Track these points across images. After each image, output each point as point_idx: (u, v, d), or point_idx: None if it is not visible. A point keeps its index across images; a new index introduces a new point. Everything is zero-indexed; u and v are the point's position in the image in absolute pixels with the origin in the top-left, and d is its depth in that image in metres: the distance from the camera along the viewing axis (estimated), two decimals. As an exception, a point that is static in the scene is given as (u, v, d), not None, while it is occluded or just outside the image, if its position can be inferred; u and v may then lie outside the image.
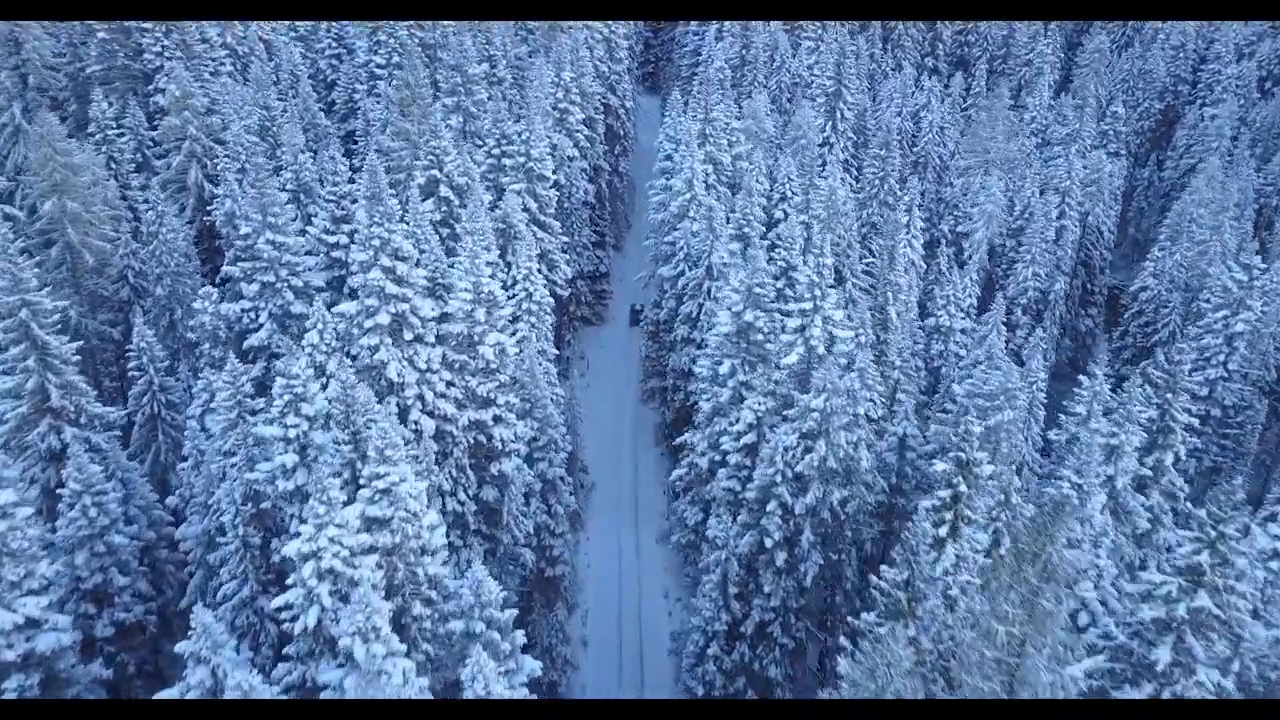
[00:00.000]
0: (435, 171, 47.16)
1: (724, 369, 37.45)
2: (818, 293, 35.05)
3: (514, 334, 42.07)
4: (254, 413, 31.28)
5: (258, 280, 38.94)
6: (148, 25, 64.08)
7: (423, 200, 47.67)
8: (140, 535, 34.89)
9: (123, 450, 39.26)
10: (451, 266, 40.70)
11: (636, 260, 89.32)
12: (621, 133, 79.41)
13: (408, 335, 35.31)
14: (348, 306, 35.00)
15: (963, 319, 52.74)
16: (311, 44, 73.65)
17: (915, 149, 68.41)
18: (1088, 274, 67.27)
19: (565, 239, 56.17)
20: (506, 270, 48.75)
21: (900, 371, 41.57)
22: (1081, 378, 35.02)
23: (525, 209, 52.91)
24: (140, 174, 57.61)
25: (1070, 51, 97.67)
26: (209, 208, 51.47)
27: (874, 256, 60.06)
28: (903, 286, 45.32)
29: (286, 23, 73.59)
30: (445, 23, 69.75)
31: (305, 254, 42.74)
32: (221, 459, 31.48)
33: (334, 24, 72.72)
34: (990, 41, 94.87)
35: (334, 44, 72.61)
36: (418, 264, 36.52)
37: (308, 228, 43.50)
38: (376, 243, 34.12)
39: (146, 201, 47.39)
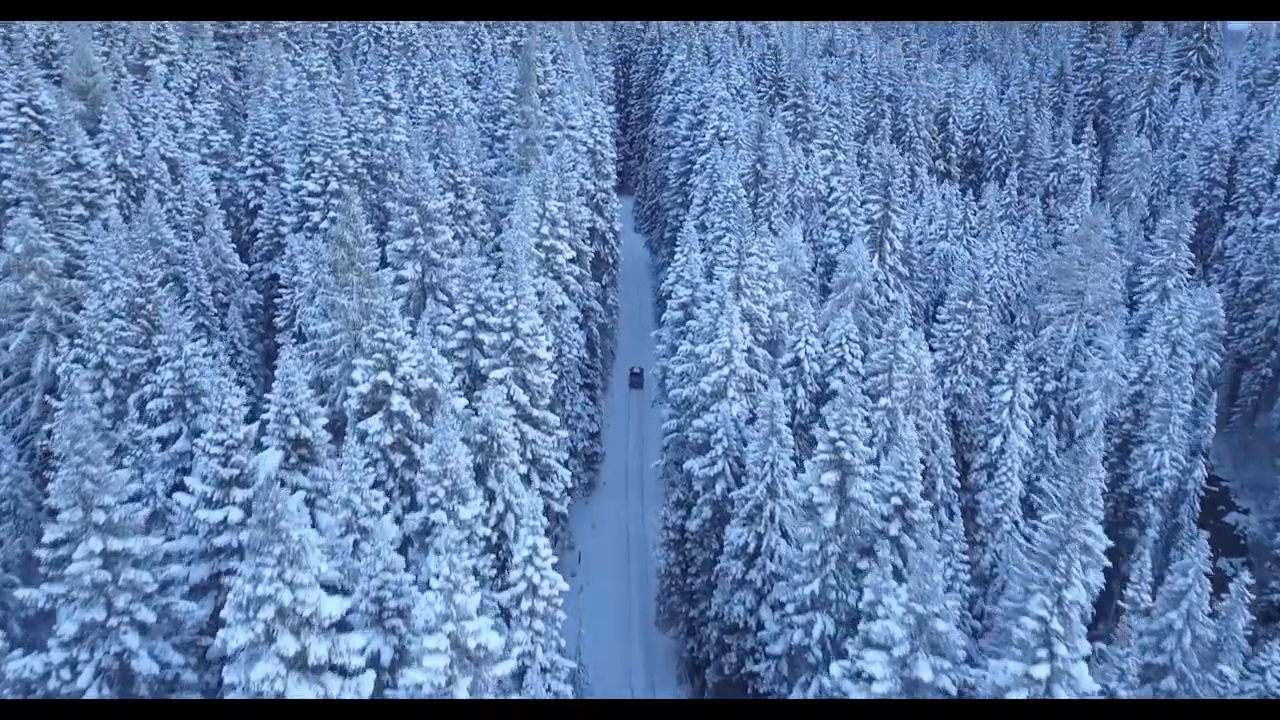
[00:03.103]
0: (385, 375, 30.46)
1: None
2: (1061, 648, 19.17)
3: (515, 652, 25.12)
4: None
5: (76, 618, 21.56)
6: (6, 144, 47.20)
7: (365, 417, 30.92)
8: None
9: None
10: (409, 573, 23.79)
11: (623, 398, 73.53)
12: (610, 259, 63.80)
13: (332, 765, 18.23)
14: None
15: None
16: (230, 161, 56.91)
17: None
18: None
19: (564, 432, 39.61)
20: (487, 503, 32.14)
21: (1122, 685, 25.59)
22: None
23: (512, 400, 36.40)
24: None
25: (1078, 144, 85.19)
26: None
27: (966, 445, 44.86)
28: (1093, 547, 29.52)
29: (199, 137, 56.80)
30: (398, 136, 53.75)
31: (175, 533, 25.56)
32: None
33: (258, 136, 56.21)
34: (1005, 143, 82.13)
35: (259, 161, 56.01)
36: (345, 620, 19.70)
37: (180, 490, 26.33)
38: (269, 612, 17.22)
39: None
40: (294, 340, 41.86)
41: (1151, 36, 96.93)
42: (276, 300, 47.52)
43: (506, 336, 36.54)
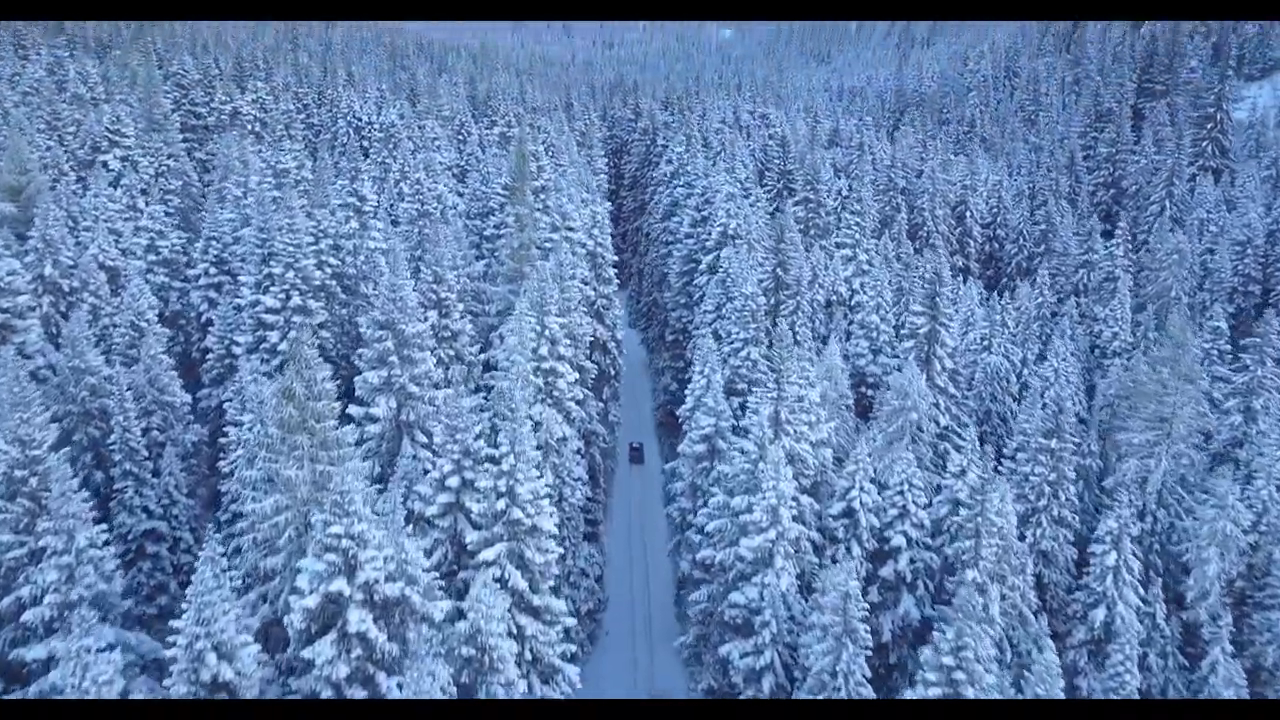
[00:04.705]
0: (341, 583, 22.16)
1: None
2: None
3: None
4: None
5: None
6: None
7: (313, 639, 22.46)
8: None
9: None
10: None
11: (624, 520, 65.11)
12: (612, 371, 56.20)
13: None
14: None
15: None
16: (179, 270, 49.24)
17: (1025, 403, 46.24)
18: None
19: (571, 620, 31.06)
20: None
21: None
22: None
23: (506, 584, 28.06)
24: None
25: (1106, 238, 79.39)
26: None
27: (1056, 614, 36.75)
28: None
29: (145, 241, 49.20)
30: (373, 242, 46.39)
31: None
32: None
33: (214, 240, 48.72)
34: (1025, 238, 76.22)
35: (214, 269, 48.41)
36: None
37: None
38: None
39: None
40: (235, 498, 33.52)
41: (1159, 126, 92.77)
42: (223, 437, 39.22)
43: (501, 505, 28.37)
